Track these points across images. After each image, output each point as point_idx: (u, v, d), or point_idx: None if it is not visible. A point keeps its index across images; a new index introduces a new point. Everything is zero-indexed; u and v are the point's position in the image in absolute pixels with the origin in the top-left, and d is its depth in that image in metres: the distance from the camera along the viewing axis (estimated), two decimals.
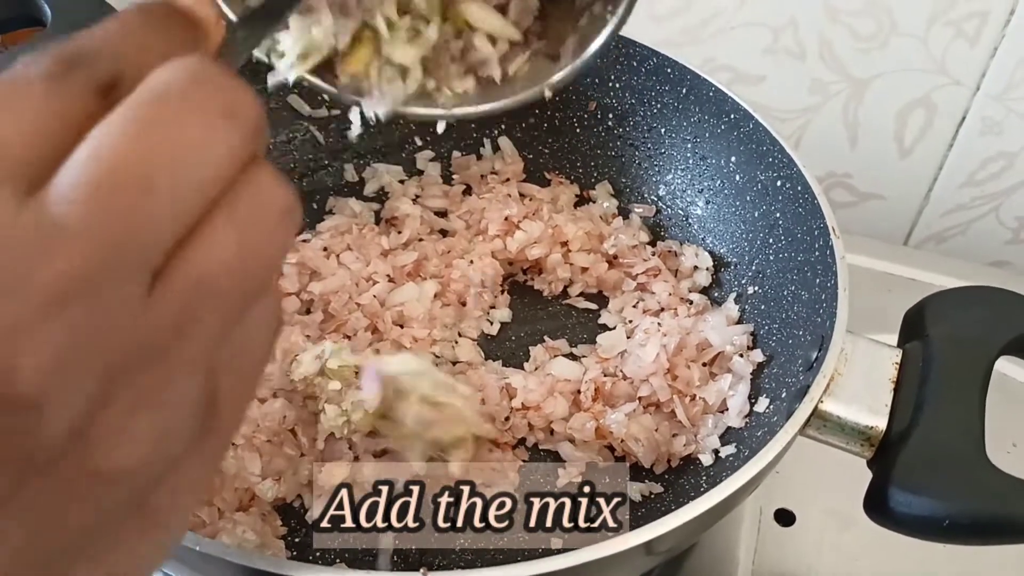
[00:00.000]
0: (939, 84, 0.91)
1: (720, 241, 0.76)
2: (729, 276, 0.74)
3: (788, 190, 0.67)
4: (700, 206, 0.77)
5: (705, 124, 0.75)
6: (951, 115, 0.93)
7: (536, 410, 0.66)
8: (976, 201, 0.99)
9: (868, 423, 0.54)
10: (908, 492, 0.50)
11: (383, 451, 0.61)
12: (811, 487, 0.72)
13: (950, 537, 0.50)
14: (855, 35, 0.90)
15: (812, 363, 0.58)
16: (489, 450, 0.63)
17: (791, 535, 0.70)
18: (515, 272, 0.78)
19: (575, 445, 0.65)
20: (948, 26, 0.88)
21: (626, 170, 0.81)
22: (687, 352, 0.68)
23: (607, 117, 0.80)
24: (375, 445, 0.61)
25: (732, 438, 0.63)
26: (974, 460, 0.51)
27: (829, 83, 0.94)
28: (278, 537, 0.59)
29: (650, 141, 0.79)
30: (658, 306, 0.73)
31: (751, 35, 0.92)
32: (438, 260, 0.74)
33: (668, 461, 0.65)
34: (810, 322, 0.61)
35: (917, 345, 0.56)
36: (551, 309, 0.76)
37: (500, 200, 0.78)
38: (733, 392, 0.64)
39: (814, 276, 0.62)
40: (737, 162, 0.73)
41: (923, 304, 0.59)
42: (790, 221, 0.67)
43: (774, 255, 0.69)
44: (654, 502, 0.63)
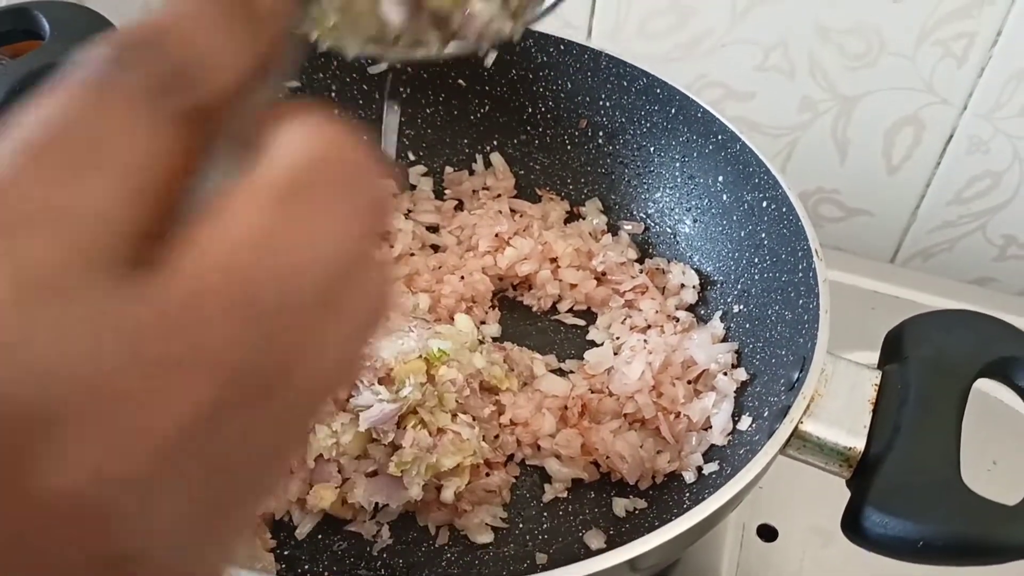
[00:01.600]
0: (927, 103, 0.93)
1: (707, 259, 0.77)
2: (715, 294, 0.75)
3: (773, 211, 0.68)
4: (688, 224, 0.78)
5: (693, 144, 0.76)
6: (939, 133, 0.95)
7: (524, 426, 0.67)
8: (963, 219, 1.00)
9: (847, 444, 0.55)
10: (884, 513, 0.51)
11: (374, 472, 0.62)
12: (794, 503, 0.73)
13: (925, 558, 0.51)
14: (844, 54, 0.91)
15: (793, 383, 0.59)
16: (486, 474, 0.64)
17: (774, 550, 0.71)
18: (505, 288, 0.79)
19: (561, 461, 0.66)
20: (936, 45, 0.89)
21: (616, 187, 0.82)
22: (672, 369, 0.69)
23: (597, 135, 0.82)
24: (366, 467, 0.61)
25: (715, 455, 0.64)
26: (950, 482, 0.52)
27: (819, 100, 0.95)
28: (268, 551, 0.60)
29: (639, 159, 0.80)
30: (645, 323, 0.74)
31: (742, 53, 0.93)
32: (429, 275, 0.75)
33: (652, 477, 0.65)
34: (792, 342, 0.63)
35: (896, 367, 0.57)
36: (540, 324, 0.77)
37: (491, 216, 0.79)
38: (717, 410, 0.65)
39: (797, 297, 0.63)
40: (724, 182, 0.74)
41: (902, 327, 0.60)
42: (775, 241, 0.68)
43: (759, 275, 0.70)
44: (638, 518, 0.64)
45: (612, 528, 0.64)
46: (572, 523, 0.64)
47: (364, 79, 0.83)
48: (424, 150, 0.85)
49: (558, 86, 0.81)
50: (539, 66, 0.80)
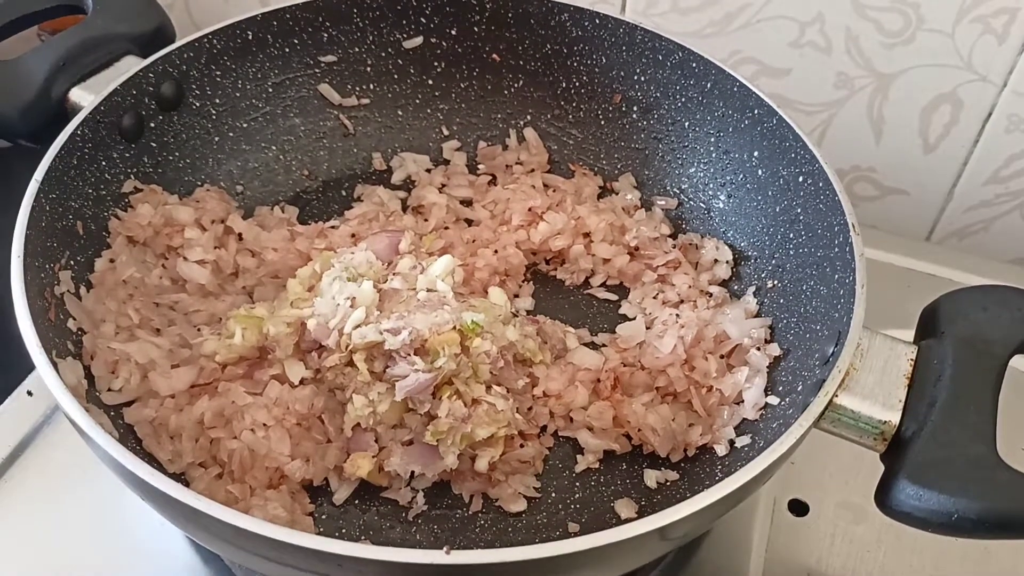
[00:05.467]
0: (966, 80, 0.91)
1: (741, 235, 0.76)
2: (749, 270, 0.75)
3: (810, 186, 0.68)
4: (722, 200, 0.78)
5: (729, 119, 0.75)
6: (977, 112, 0.93)
7: (557, 398, 0.68)
8: (1000, 198, 0.99)
9: (882, 418, 0.55)
10: (918, 486, 0.51)
11: (410, 441, 0.63)
12: (826, 479, 0.73)
13: (958, 531, 0.51)
14: (882, 30, 0.90)
15: (828, 358, 0.59)
16: (520, 445, 0.65)
17: (804, 525, 0.71)
18: (538, 262, 0.79)
19: (593, 433, 0.67)
20: (976, 22, 0.87)
21: (649, 163, 0.82)
22: (705, 344, 0.69)
23: (632, 110, 0.81)
24: (402, 436, 0.62)
25: (747, 429, 0.65)
26: (985, 457, 0.52)
27: (855, 77, 0.94)
28: (306, 515, 0.61)
29: (674, 134, 0.80)
30: (677, 298, 0.74)
31: (778, 28, 0.92)
32: (463, 248, 0.76)
33: (684, 450, 0.66)
34: (828, 317, 0.62)
35: (932, 342, 0.57)
36: (572, 299, 0.77)
37: (524, 191, 0.80)
38: (749, 384, 0.66)
39: (833, 272, 0.63)
40: (760, 157, 0.74)
41: (939, 302, 0.59)
42: (811, 217, 0.68)
43: (794, 250, 0.70)
44: (669, 489, 0.65)
45: (643, 499, 0.64)
46: (604, 493, 0.65)
47: (399, 53, 0.83)
48: (458, 125, 0.86)
49: (592, 60, 0.81)
50: (573, 40, 0.80)
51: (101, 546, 0.67)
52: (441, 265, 0.67)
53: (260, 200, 0.80)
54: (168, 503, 0.48)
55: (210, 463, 0.62)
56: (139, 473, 0.48)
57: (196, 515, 0.47)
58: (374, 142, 0.85)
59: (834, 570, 0.69)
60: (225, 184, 0.79)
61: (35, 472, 0.71)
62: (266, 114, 0.81)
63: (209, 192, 0.76)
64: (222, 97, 0.77)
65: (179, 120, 0.75)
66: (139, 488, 0.50)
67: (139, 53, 0.75)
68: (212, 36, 0.75)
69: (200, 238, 0.72)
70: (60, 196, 0.64)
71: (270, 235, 0.75)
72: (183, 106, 0.75)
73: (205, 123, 0.77)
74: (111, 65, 0.74)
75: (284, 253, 0.74)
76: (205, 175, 0.78)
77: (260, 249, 0.74)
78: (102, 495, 0.69)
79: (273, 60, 0.79)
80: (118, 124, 0.70)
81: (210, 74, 0.76)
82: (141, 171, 0.73)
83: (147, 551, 0.67)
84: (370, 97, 0.84)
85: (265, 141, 0.81)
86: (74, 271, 0.64)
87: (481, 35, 0.82)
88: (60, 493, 0.70)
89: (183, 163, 0.76)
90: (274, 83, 0.80)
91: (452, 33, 0.82)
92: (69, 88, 0.72)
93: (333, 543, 0.45)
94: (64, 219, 0.64)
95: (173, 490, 0.47)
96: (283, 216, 0.79)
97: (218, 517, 0.46)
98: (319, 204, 0.82)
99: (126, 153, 0.71)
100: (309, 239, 0.75)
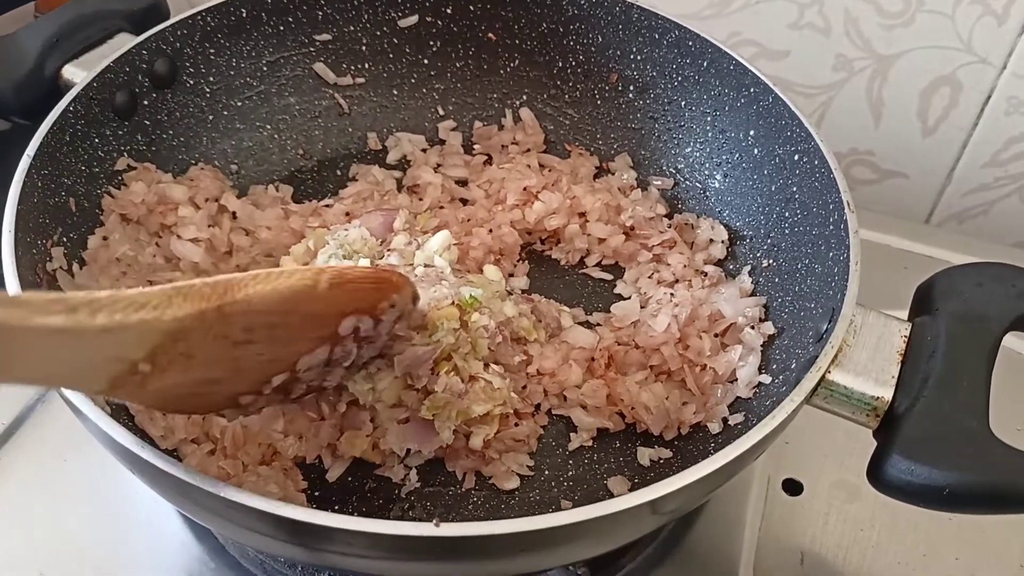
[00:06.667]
0: (965, 62, 0.91)
1: (736, 214, 0.76)
2: (744, 249, 0.75)
3: (805, 164, 0.68)
4: (718, 179, 0.78)
5: (725, 98, 0.75)
6: (976, 94, 0.93)
7: (551, 376, 0.67)
8: (999, 181, 0.99)
9: (874, 394, 0.54)
10: (910, 460, 0.51)
11: (406, 419, 0.62)
12: (820, 458, 0.73)
13: (950, 506, 0.51)
14: (881, 11, 0.90)
15: (822, 335, 0.58)
16: (515, 423, 0.65)
17: (799, 505, 0.71)
18: (533, 241, 0.79)
19: (587, 411, 0.66)
20: (976, 3, 0.87)
21: (645, 142, 0.82)
22: (699, 323, 0.69)
23: (628, 89, 0.81)
24: (398, 414, 0.62)
25: (741, 407, 0.65)
26: (978, 432, 0.51)
27: (854, 59, 0.94)
28: (299, 491, 0.61)
29: (670, 114, 0.80)
30: (673, 277, 0.74)
31: (776, 10, 0.92)
32: (458, 228, 0.76)
33: (678, 428, 0.66)
34: (822, 295, 0.62)
35: (926, 319, 0.57)
36: (568, 278, 0.77)
37: (520, 171, 0.79)
38: (743, 363, 0.65)
39: (827, 249, 0.63)
40: (756, 136, 0.73)
41: (933, 279, 0.59)
42: (806, 195, 0.68)
43: (789, 229, 0.70)
44: (662, 467, 0.65)
45: (637, 476, 0.64)
46: (597, 471, 0.65)
47: (394, 32, 0.83)
48: (453, 104, 0.85)
49: (589, 40, 0.80)
50: (570, 19, 0.80)
51: (95, 524, 0.67)
52: (438, 240, 0.67)
53: (255, 179, 0.80)
54: (160, 477, 0.48)
55: (202, 439, 0.61)
56: (131, 447, 0.48)
57: (188, 489, 0.47)
58: (369, 121, 0.85)
59: (828, 549, 0.69)
60: (219, 163, 0.78)
61: (29, 450, 0.71)
62: (261, 93, 0.80)
63: (203, 170, 0.76)
64: (216, 75, 0.77)
65: (173, 98, 0.75)
66: (131, 462, 0.50)
67: (133, 30, 0.74)
68: (206, 13, 0.75)
69: (194, 216, 0.72)
70: (52, 172, 0.64)
71: (264, 213, 0.75)
72: (177, 84, 0.75)
73: (199, 101, 0.77)
74: (104, 42, 0.73)
75: (278, 232, 0.73)
76: (199, 154, 0.77)
77: (254, 228, 0.74)
78: (96, 473, 0.69)
79: (268, 38, 0.79)
80: (111, 101, 0.70)
81: (204, 52, 0.76)
82: (135, 149, 0.72)
83: (141, 528, 0.67)
84: (365, 76, 0.84)
85: (260, 120, 0.81)
86: (67, 248, 0.64)
87: (477, 14, 0.82)
88: (54, 471, 0.70)
89: (177, 141, 0.76)
90: (269, 61, 0.80)
91: (448, 12, 0.82)
92: (62, 65, 0.71)
93: (323, 515, 0.45)
94: (56, 195, 0.64)
95: (165, 464, 0.47)
96: (277, 195, 0.79)
97: (209, 490, 0.46)
98: (314, 183, 0.82)
99: (119, 130, 0.71)
100: (303, 217, 0.75)
